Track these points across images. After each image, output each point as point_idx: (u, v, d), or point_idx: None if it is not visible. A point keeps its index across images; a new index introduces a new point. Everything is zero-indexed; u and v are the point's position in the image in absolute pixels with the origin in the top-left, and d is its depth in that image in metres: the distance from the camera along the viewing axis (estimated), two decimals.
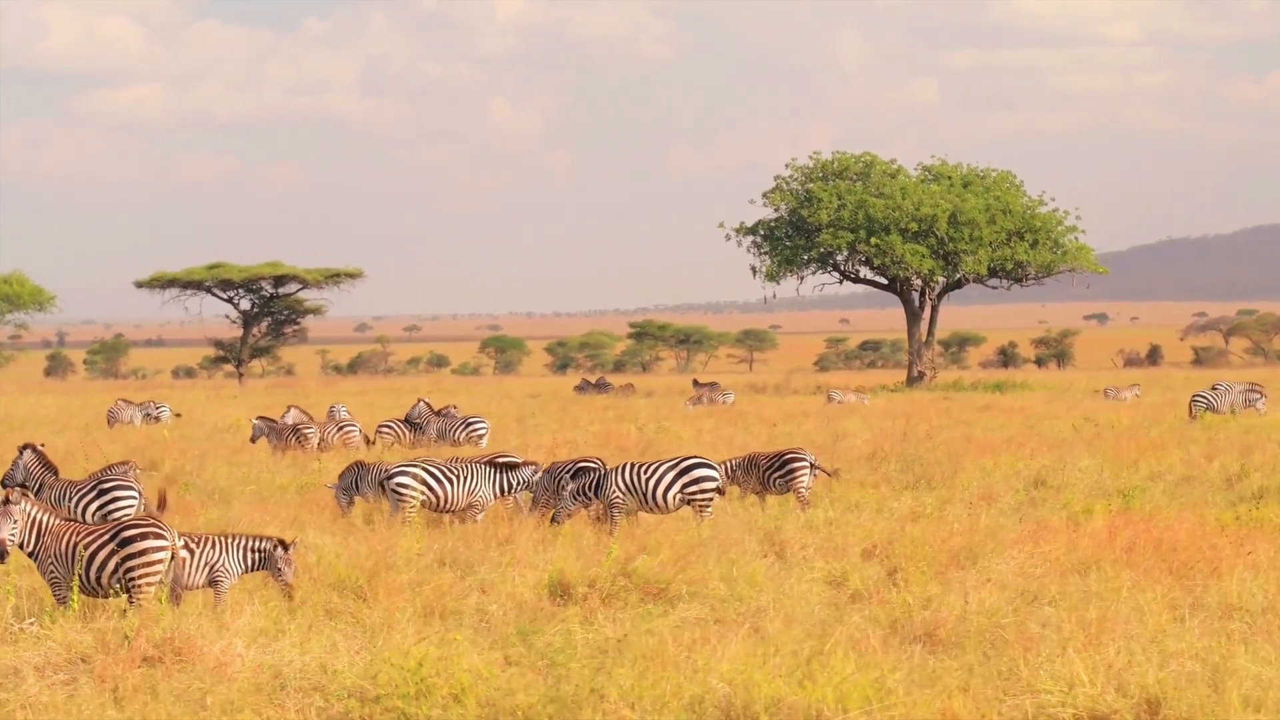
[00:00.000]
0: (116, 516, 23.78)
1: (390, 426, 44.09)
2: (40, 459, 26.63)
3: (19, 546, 18.27)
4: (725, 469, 28.52)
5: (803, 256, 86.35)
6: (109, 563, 17.92)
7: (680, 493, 25.63)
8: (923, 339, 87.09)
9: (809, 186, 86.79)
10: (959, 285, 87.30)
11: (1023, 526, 23.72)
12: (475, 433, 43.57)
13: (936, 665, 15.25)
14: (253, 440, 43.33)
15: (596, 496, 25.77)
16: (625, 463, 26.36)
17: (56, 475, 26.29)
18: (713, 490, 25.68)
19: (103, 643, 15.51)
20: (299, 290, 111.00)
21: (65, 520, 18.60)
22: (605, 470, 26.06)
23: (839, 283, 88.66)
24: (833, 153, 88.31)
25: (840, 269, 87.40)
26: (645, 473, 25.71)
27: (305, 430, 42.42)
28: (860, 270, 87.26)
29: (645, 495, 25.61)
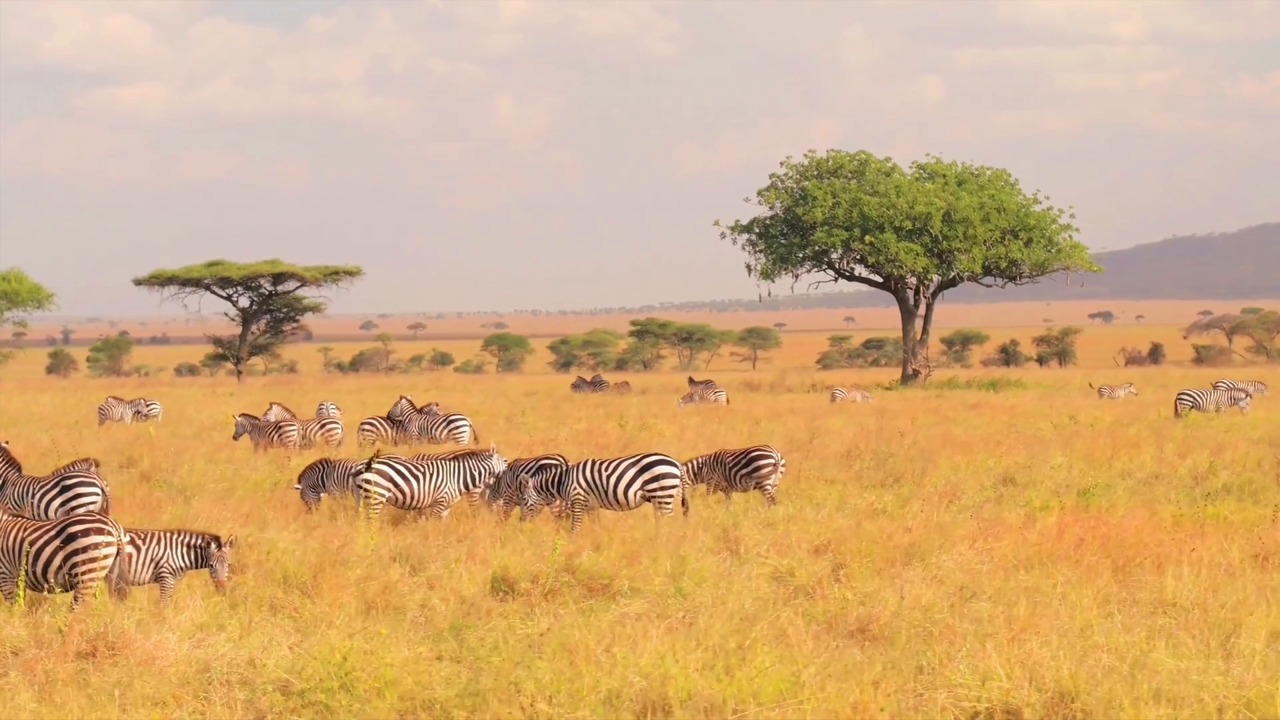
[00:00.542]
0: (80, 513, 23.96)
1: (372, 424, 44.30)
2: (4, 456, 26.81)
3: None
4: (692, 466, 28.72)
5: (797, 254, 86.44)
6: (54, 558, 18.11)
7: (641, 490, 25.84)
8: (917, 337, 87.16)
9: (804, 184, 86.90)
10: (953, 284, 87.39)
11: (974, 523, 23.87)
12: (457, 430, 43.75)
13: (862, 659, 15.42)
14: (235, 438, 43.55)
15: (559, 493, 25.98)
16: (587, 460, 26.56)
17: (20, 472, 26.48)
18: (673, 487, 25.87)
19: (37, 637, 15.70)
20: (298, 288, 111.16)
21: (13, 516, 18.79)
22: (567, 467, 26.26)
23: (834, 280, 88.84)
24: (827, 151, 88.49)
25: (835, 267, 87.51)
26: (606, 470, 25.92)
27: (287, 428, 42.64)
28: (855, 268, 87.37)
29: (606, 492, 25.83)
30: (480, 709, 13.74)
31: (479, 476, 26.68)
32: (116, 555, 18.29)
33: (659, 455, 26.35)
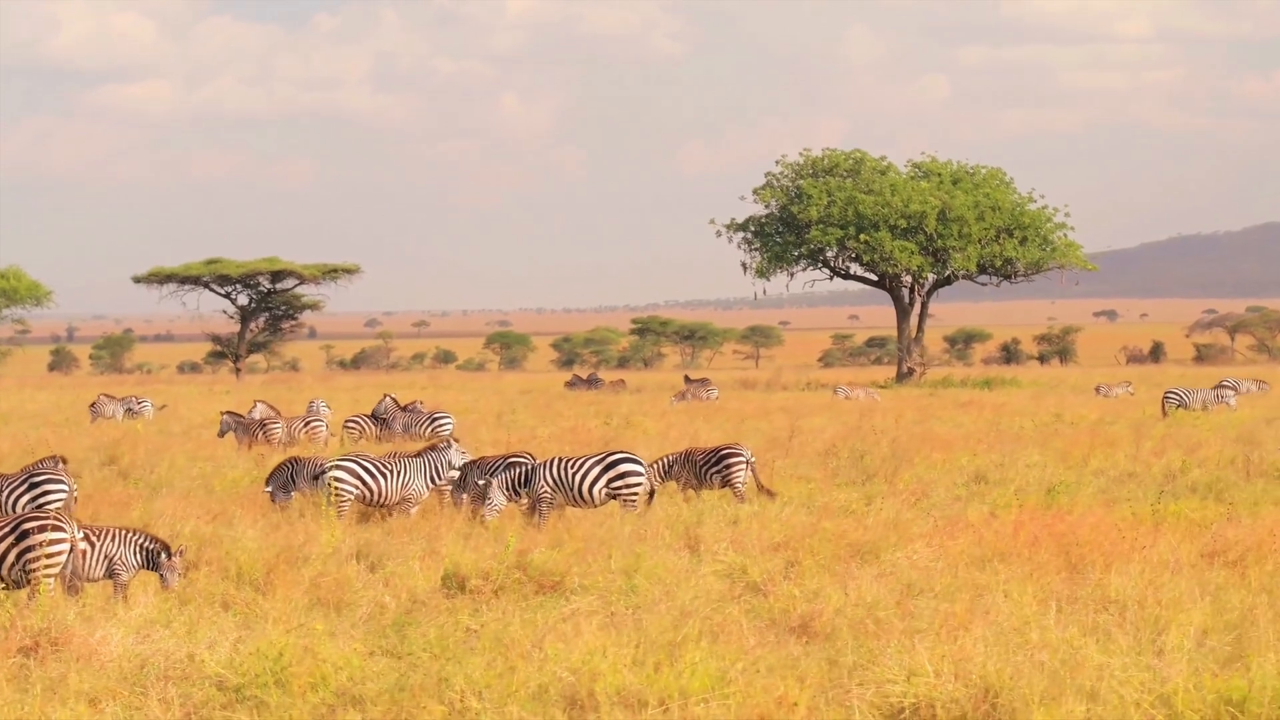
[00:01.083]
0: (49, 509, 24.13)
1: (356, 421, 44.47)
2: None
3: None
4: (662, 464, 28.87)
5: (793, 253, 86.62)
6: (8, 555, 18.28)
7: (606, 487, 26.03)
8: (912, 335, 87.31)
9: (799, 183, 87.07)
10: (948, 282, 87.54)
11: (930, 521, 24.02)
12: (441, 428, 43.90)
13: (800, 654, 15.57)
14: (220, 435, 43.71)
15: (524, 491, 26.16)
16: (553, 458, 26.74)
17: None
18: (637, 485, 26.05)
19: None
20: (296, 286, 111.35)
21: None
22: (534, 465, 26.43)
23: (829, 279, 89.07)
24: (823, 149, 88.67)
25: (830, 265, 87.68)
26: (572, 468, 26.11)
27: (271, 425, 42.81)
28: (850, 267, 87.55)
29: (571, 490, 26.02)
30: (407, 704, 13.90)
31: (442, 470, 26.86)
32: (70, 552, 18.45)
33: (624, 453, 26.56)
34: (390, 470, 26.64)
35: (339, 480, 26.26)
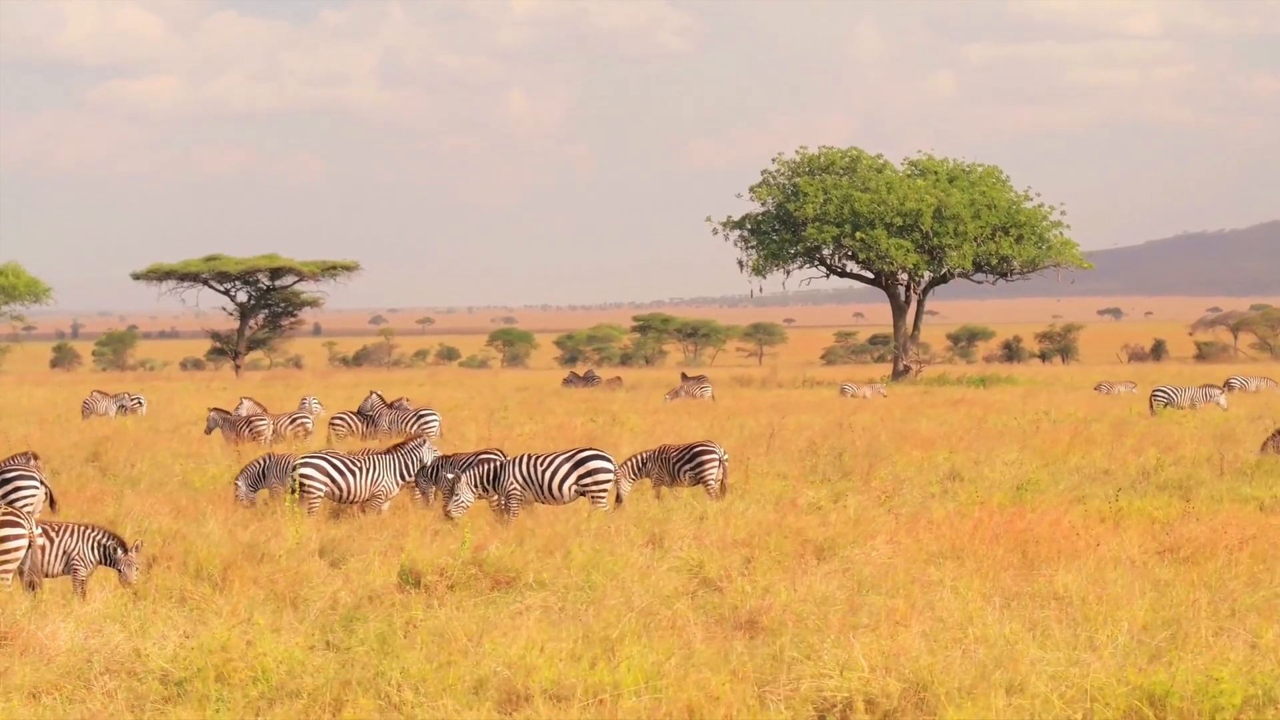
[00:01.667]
0: (19, 506, 24.29)
1: (343, 419, 44.63)
2: None
3: None
4: (635, 461, 29.03)
5: (789, 251, 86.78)
6: None
7: (575, 484, 26.21)
8: (908, 333, 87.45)
9: (795, 181, 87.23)
10: (944, 280, 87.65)
11: (893, 518, 24.15)
12: (427, 425, 44.04)
13: (743, 650, 15.71)
14: (207, 432, 43.90)
15: (495, 487, 26.33)
16: (523, 454, 26.90)
17: None
18: (606, 482, 26.22)
19: None
20: (296, 283, 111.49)
21: None
22: (503, 462, 26.60)
23: (825, 277, 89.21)
24: (819, 147, 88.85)
25: (826, 263, 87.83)
26: (541, 464, 26.28)
27: (257, 422, 43.00)
28: (846, 264, 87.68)
29: (541, 486, 26.19)
30: (343, 697, 14.07)
31: (412, 467, 27.03)
32: (29, 548, 18.62)
33: (593, 450, 26.74)
34: (359, 467, 26.81)
35: (307, 478, 26.43)
